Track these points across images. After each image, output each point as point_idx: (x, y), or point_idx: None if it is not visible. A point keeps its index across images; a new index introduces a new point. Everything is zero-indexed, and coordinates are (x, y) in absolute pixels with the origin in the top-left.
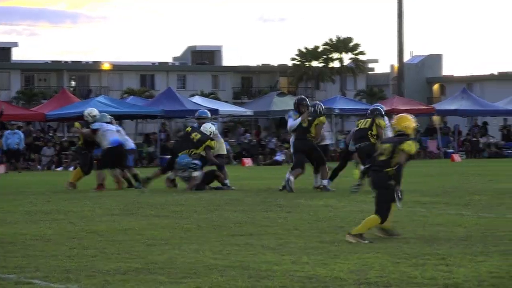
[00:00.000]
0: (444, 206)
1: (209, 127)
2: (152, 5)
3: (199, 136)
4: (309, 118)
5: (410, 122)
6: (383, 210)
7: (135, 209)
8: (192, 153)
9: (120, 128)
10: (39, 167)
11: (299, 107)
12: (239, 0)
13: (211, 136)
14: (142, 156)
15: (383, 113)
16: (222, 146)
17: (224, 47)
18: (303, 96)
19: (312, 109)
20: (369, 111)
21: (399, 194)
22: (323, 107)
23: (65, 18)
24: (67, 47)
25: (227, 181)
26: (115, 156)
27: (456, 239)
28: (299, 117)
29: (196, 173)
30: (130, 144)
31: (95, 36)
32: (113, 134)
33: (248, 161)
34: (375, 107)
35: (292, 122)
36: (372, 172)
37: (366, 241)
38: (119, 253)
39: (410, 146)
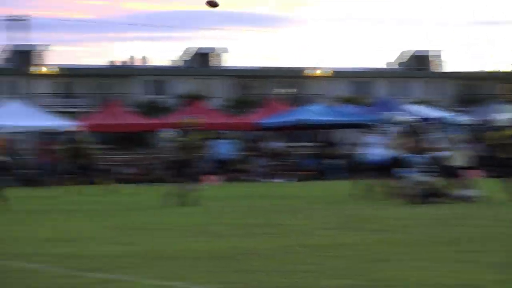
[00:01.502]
0: None
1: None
2: (361, 8)
3: None
4: None
5: None
6: None
7: (351, 223)
8: None
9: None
10: (257, 178)
11: None
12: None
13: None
14: None
15: None
16: (457, 157)
17: (443, 52)
18: None
19: None
20: None
21: None
22: None
23: (271, 22)
24: (274, 52)
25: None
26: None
27: None
28: None
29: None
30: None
31: (302, 41)
32: (371, 146)
33: (478, 173)
34: None
35: None
36: None
37: None
38: (336, 269)
39: None
